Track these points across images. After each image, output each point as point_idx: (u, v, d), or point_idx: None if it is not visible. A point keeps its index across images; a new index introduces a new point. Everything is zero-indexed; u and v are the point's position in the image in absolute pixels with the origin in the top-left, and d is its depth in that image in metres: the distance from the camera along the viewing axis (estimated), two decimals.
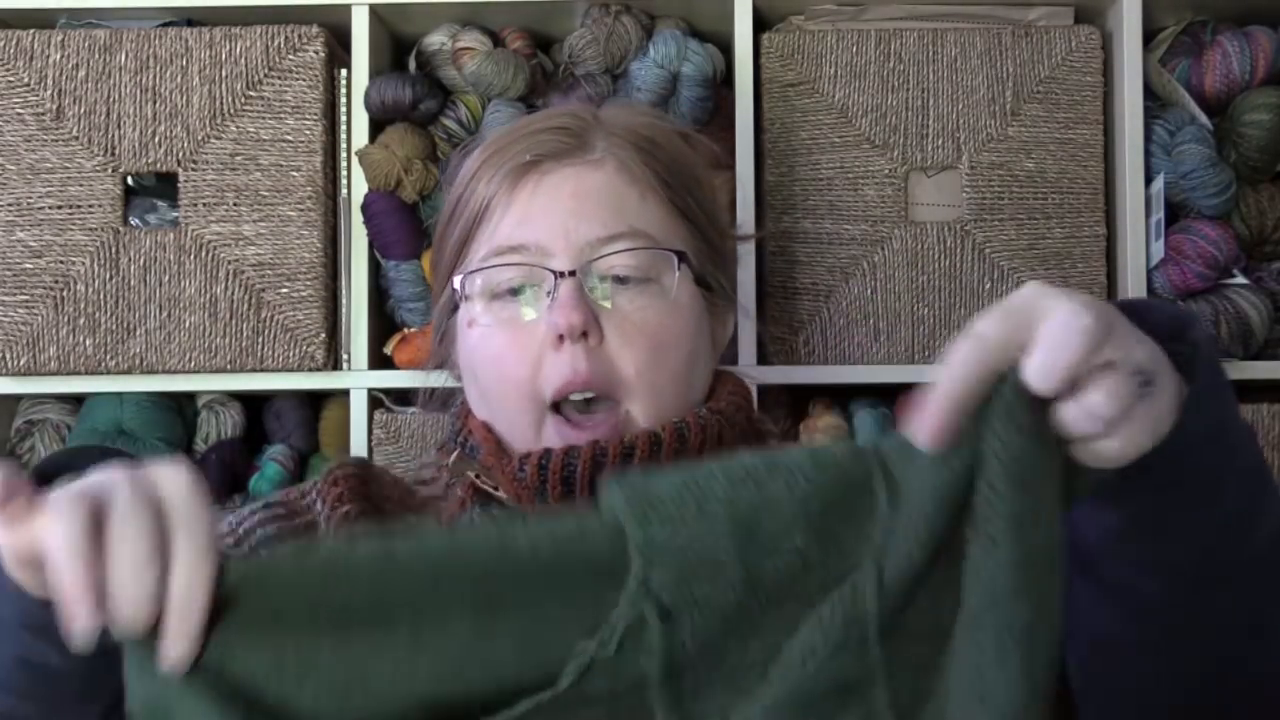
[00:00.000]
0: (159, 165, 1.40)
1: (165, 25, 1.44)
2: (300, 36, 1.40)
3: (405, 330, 1.43)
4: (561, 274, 0.86)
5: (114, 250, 1.39)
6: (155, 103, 1.40)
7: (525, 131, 0.92)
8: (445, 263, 0.94)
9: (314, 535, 0.85)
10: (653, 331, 0.87)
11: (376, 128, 1.41)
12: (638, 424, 0.86)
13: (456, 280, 0.90)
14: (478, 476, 0.87)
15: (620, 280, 0.87)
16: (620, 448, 0.81)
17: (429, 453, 1.33)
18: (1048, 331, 0.54)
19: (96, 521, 0.54)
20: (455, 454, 0.90)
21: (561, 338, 0.84)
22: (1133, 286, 1.39)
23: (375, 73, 1.42)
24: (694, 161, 0.99)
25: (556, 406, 0.86)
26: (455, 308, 0.92)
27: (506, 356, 0.87)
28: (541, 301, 0.86)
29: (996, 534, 0.53)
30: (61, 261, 1.39)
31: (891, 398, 1.43)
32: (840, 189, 1.41)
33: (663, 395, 0.87)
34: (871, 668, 0.55)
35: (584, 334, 0.84)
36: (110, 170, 1.40)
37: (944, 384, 0.55)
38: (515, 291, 0.88)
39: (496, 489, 0.86)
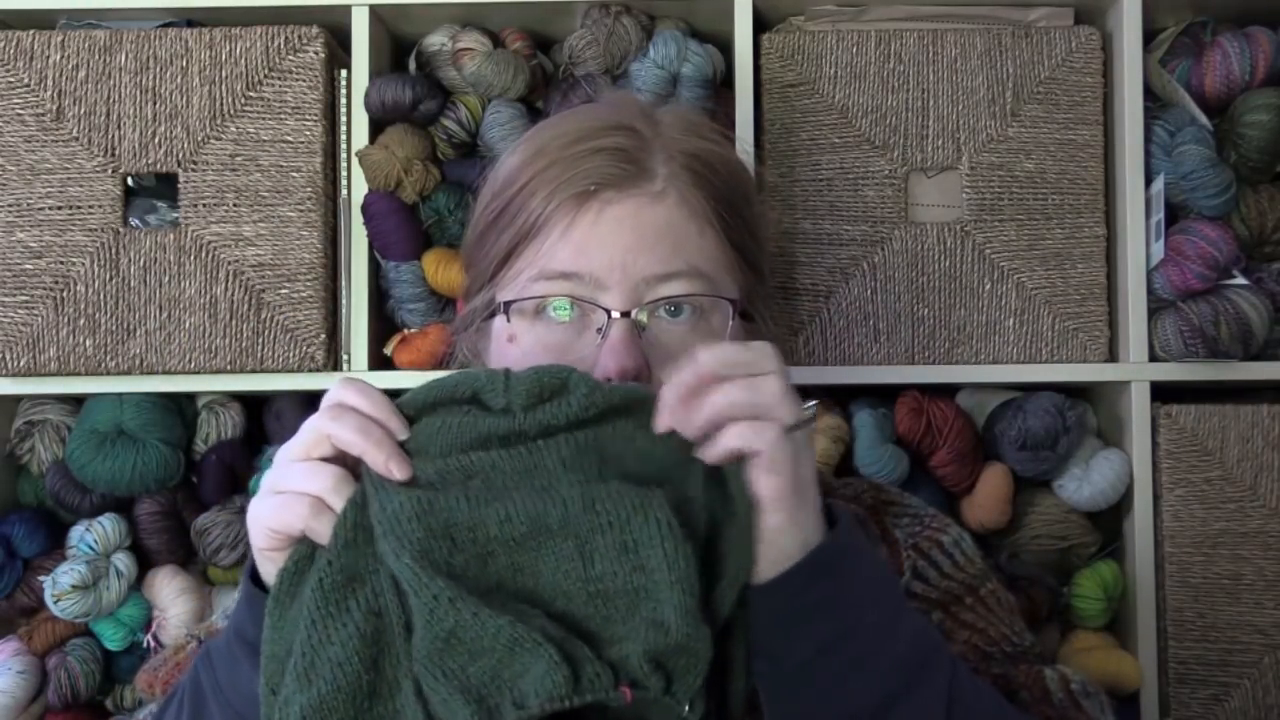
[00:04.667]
0: (159, 166, 1.40)
1: (165, 26, 1.44)
2: (300, 37, 1.40)
3: (405, 331, 1.43)
4: (613, 313, 0.85)
5: (114, 251, 1.39)
6: (155, 103, 1.40)
7: (585, 148, 0.90)
8: (486, 263, 0.93)
9: None
10: None
11: (376, 128, 1.41)
12: None
13: (501, 302, 0.90)
14: None
15: (671, 315, 0.87)
16: None
17: None
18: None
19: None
20: None
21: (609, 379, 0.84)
22: (1133, 287, 1.39)
23: (375, 73, 1.42)
24: (747, 182, 0.99)
25: None
26: (492, 313, 0.92)
27: None
28: (588, 334, 0.86)
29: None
30: (61, 262, 1.39)
31: (891, 398, 1.43)
32: (840, 189, 1.41)
33: None
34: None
35: (635, 377, 0.84)
36: (110, 171, 1.40)
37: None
38: (565, 307, 0.87)
39: None
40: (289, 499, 0.73)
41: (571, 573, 0.68)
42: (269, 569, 0.75)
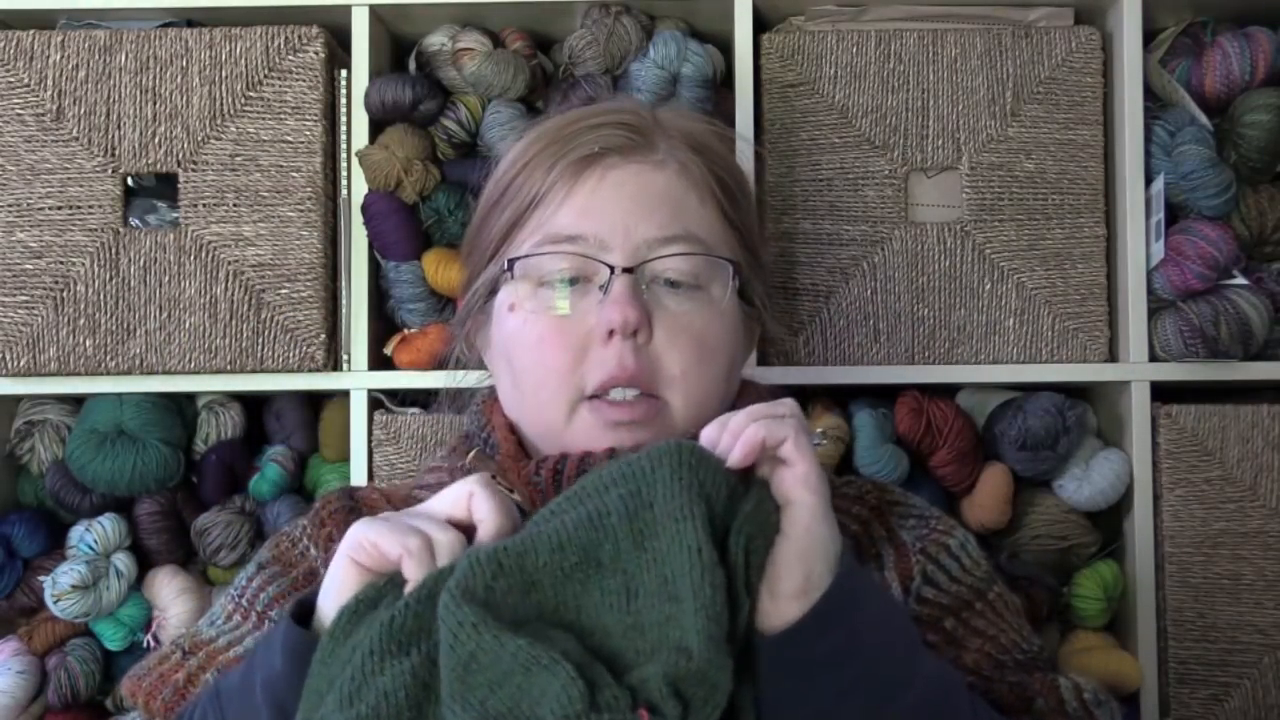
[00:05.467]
0: (159, 165, 1.40)
1: (165, 26, 1.44)
2: (300, 37, 1.40)
3: (405, 331, 1.43)
4: (616, 269, 0.86)
5: (114, 251, 1.39)
6: (155, 103, 1.40)
7: (588, 124, 0.92)
8: (488, 243, 0.94)
9: (315, 582, 0.84)
10: (699, 334, 0.87)
11: (376, 128, 1.41)
12: (675, 418, 0.86)
13: (505, 262, 0.90)
14: (494, 477, 0.87)
15: (672, 284, 0.88)
16: None
17: (431, 454, 1.34)
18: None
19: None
20: (473, 453, 0.90)
21: (612, 333, 0.84)
22: (1133, 286, 1.39)
23: (375, 73, 1.42)
24: (743, 174, 0.99)
25: (594, 395, 0.86)
26: (494, 291, 0.92)
27: (549, 343, 0.87)
28: (592, 294, 0.87)
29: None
30: (61, 262, 1.39)
31: (891, 398, 1.43)
32: (840, 189, 1.41)
33: (703, 396, 0.87)
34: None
35: (634, 331, 0.84)
36: (110, 171, 1.40)
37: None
38: (566, 281, 0.88)
39: (512, 491, 0.86)
40: (405, 527, 0.73)
41: (615, 607, 0.68)
42: (337, 577, 0.74)
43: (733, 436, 0.72)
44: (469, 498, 0.74)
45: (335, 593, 0.73)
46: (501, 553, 0.68)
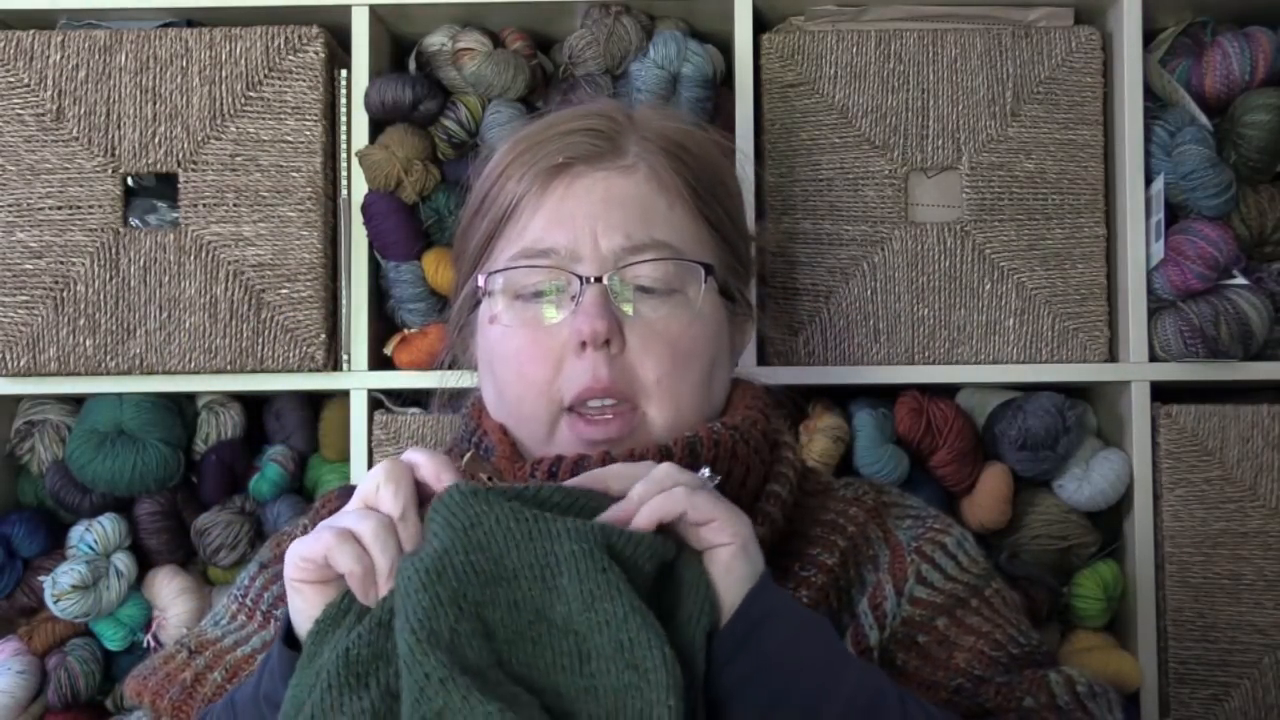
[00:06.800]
0: (159, 166, 1.40)
1: (165, 26, 1.44)
2: (300, 37, 1.40)
3: (405, 331, 1.43)
4: (587, 279, 0.86)
5: (114, 251, 1.39)
6: (155, 103, 1.40)
7: (558, 130, 0.92)
8: (469, 257, 0.95)
9: None
10: (675, 340, 0.87)
11: (376, 128, 1.41)
12: (654, 427, 0.86)
13: (481, 277, 0.91)
14: (490, 479, 0.87)
15: (645, 290, 0.88)
16: (631, 460, 0.80)
17: None
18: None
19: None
20: (469, 454, 0.90)
21: (584, 344, 0.85)
22: (1133, 287, 1.39)
23: (375, 73, 1.42)
24: (725, 169, 0.99)
25: (571, 407, 0.86)
26: (477, 303, 0.93)
27: (527, 356, 0.87)
28: (565, 305, 0.87)
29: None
30: (61, 262, 1.39)
31: (891, 398, 1.43)
32: (840, 189, 1.41)
33: (682, 402, 0.87)
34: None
35: (606, 341, 0.85)
36: (110, 171, 1.40)
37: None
38: (540, 294, 0.88)
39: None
40: (324, 531, 0.72)
41: (568, 667, 0.68)
42: (297, 606, 0.74)
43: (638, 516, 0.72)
44: (376, 492, 0.73)
45: (301, 619, 0.74)
46: (462, 599, 0.68)
